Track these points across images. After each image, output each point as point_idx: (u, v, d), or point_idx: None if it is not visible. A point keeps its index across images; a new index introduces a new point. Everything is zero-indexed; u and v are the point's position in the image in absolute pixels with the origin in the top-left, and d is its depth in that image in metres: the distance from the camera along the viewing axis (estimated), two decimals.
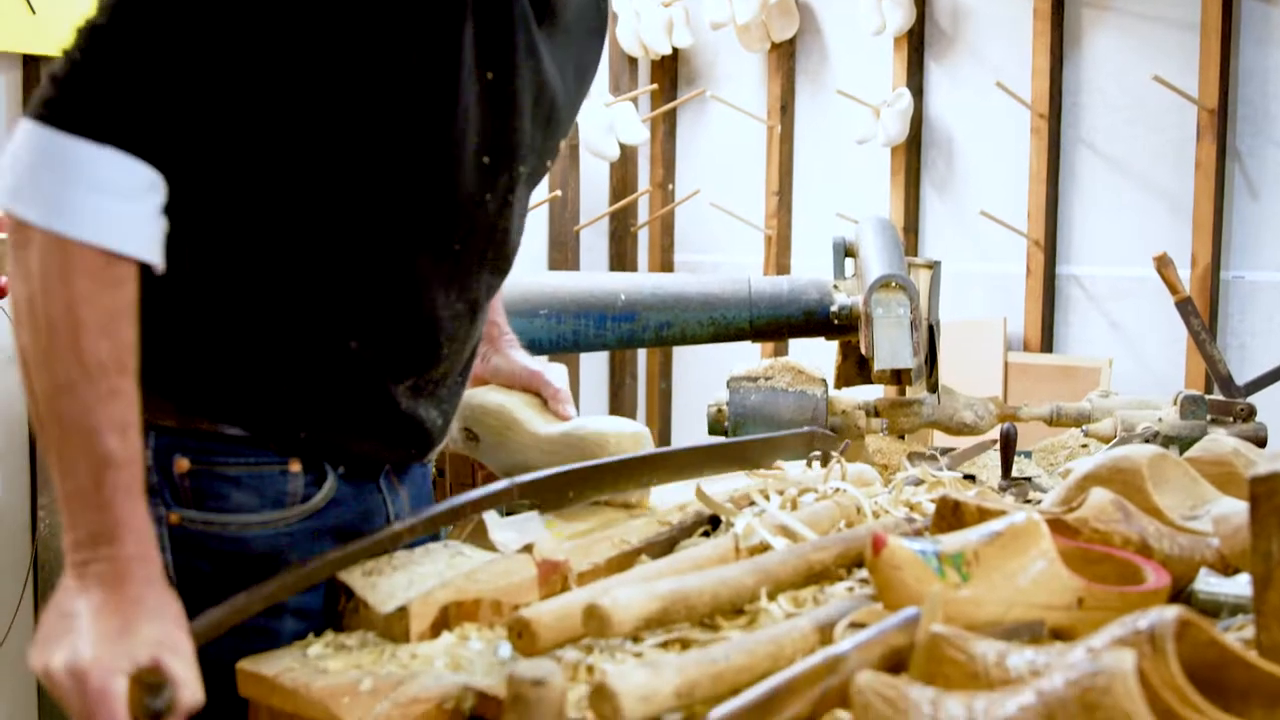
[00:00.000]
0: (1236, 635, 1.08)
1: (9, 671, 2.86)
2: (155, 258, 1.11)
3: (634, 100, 4.34)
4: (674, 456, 1.59)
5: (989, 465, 2.32)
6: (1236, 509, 1.25)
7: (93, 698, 1.02)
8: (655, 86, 4.59)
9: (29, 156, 1.07)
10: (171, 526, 1.25)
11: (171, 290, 1.23)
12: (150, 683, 1.04)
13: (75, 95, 1.07)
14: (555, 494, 1.45)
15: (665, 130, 4.70)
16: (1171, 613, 0.90)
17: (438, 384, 1.38)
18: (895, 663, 1.02)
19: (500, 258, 1.39)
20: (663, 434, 4.74)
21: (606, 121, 4.11)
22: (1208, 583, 1.21)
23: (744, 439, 1.72)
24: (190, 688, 1.06)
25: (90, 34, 1.09)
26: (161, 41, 1.09)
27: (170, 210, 1.19)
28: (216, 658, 1.20)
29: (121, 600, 1.07)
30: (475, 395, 1.63)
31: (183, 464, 1.25)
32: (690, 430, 4.67)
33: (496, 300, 1.60)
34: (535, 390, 1.63)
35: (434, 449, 1.45)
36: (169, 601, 1.10)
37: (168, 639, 1.07)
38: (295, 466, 1.29)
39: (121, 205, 1.08)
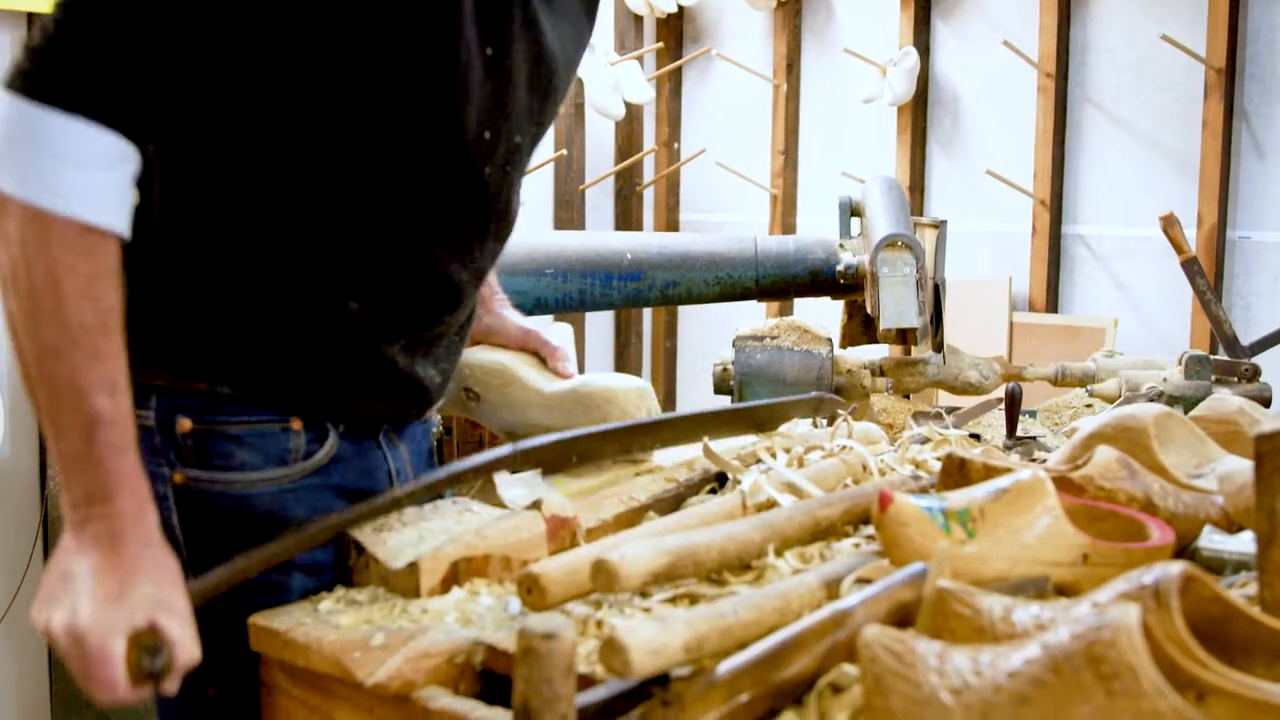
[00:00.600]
0: (1240, 592, 1.09)
1: (21, 627, 2.88)
2: (123, 229, 1.11)
3: (639, 59, 4.31)
4: (679, 422, 1.59)
5: (994, 425, 2.33)
6: (1241, 467, 1.26)
7: (92, 660, 1.04)
8: (661, 45, 4.56)
9: (4, 127, 1.07)
10: (177, 486, 1.26)
11: (167, 253, 1.24)
12: (148, 644, 1.06)
13: (47, 65, 1.07)
14: (559, 458, 1.46)
15: (670, 89, 4.67)
16: (1176, 568, 0.91)
17: (433, 343, 1.39)
18: (901, 618, 1.03)
19: (501, 226, 1.40)
20: (668, 393, 4.75)
21: (612, 80, 4.09)
22: (1212, 540, 1.22)
23: (751, 404, 1.72)
24: (187, 647, 1.08)
25: (65, 4, 1.08)
26: (140, 11, 1.08)
27: (167, 172, 1.19)
28: (228, 613, 1.21)
29: (119, 560, 1.08)
30: (473, 354, 1.63)
31: (185, 424, 1.26)
32: (695, 389, 4.68)
33: None
34: (531, 349, 1.64)
35: (432, 407, 1.45)
36: (166, 561, 1.12)
37: (164, 599, 1.09)
38: (296, 424, 1.30)
39: (93, 176, 1.08)
